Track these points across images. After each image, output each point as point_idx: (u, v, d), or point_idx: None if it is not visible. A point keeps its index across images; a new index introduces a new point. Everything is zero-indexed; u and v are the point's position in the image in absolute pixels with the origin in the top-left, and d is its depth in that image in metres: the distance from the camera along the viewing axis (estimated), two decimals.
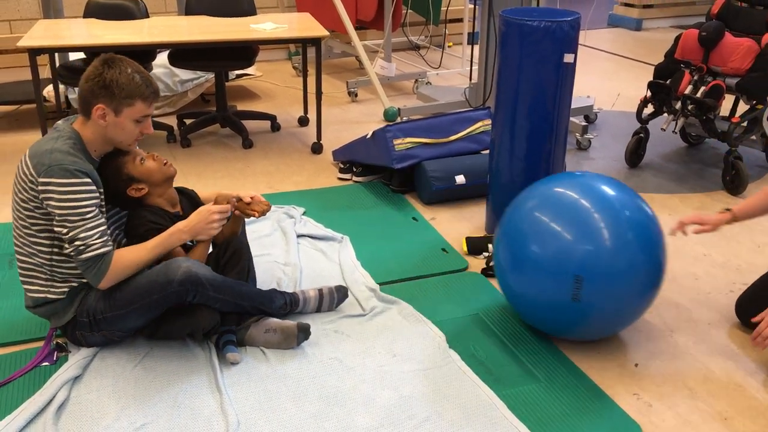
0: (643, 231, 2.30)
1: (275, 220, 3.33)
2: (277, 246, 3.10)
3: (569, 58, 2.88)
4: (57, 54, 4.32)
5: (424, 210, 3.51)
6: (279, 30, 4.11)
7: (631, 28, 7.79)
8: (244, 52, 4.36)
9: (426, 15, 5.72)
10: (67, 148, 2.18)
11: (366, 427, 2.08)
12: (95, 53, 2.54)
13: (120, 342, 2.40)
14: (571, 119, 4.24)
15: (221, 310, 2.35)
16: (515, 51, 2.90)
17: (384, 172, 3.78)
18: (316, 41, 4.03)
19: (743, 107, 3.85)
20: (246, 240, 2.63)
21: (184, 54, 4.29)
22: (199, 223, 2.33)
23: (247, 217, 2.51)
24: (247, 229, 2.94)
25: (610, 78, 5.91)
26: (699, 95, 3.67)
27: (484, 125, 3.75)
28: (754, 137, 3.91)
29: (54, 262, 2.26)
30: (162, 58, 4.49)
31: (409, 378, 2.29)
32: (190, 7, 4.52)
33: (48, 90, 4.35)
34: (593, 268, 2.24)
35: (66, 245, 2.20)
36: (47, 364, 2.33)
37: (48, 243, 2.24)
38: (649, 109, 3.95)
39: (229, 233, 2.57)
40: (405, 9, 5.86)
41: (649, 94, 3.87)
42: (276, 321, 2.43)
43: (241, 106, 5.00)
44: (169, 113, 4.82)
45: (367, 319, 2.59)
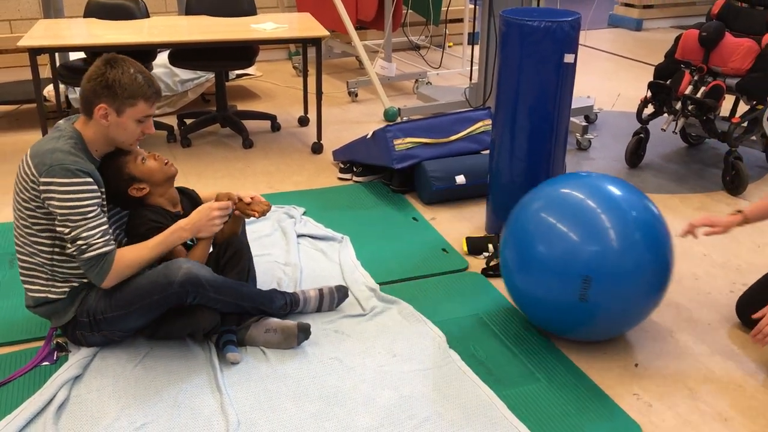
0: (651, 231, 2.30)
1: (275, 220, 3.33)
2: (278, 246, 3.10)
3: (569, 58, 2.89)
4: (57, 54, 4.32)
5: (424, 210, 3.51)
6: (279, 30, 4.11)
7: (632, 28, 7.79)
8: (244, 52, 4.36)
9: (426, 15, 5.72)
10: (69, 147, 2.18)
11: (366, 427, 2.08)
12: (95, 53, 2.55)
13: (120, 342, 2.40)
14: (572, 119, 4.24)
15: (221, 310, 2.35)
16: (515, 51, 2.91)
17: (384, 172, 3.78)
18: (316, 41, 4.03)
19: (743, 107, 3.85)
20: (246, 240, 2.63)
21: (184, 54, 4.29)
22: (201, 220, 2.33)
23: (247, 218, 2.51)
24: (248, 229, 2.94)
25: (610, 78, 5.91)
26: (699, 95, 3.67)
27: (484, 125, 3.75)
28: (754, 138, 3.91)
29: (55, 261, 2.26)
30: (162, 57, 4.50)
31: (409, 378, 2.29)
32: (190, 7, 4.52)
33: (48, 90, 4.35)
34: (601, 268, 2.24)
35: (68, 245, 2.20)
36: (47, 363, 2.33)
37: (49, 243, 2.24)
38: (650, 110, 3.95)
39: (229, 233, 2.57)
40: (405, 9, 5.86)
41: (650, 94, 3.87)
42: (276, 321, 2.43)
43: (242, 106, 5.00)
44: (170, 113, 4.82)
45: (368, 319, 2.59)
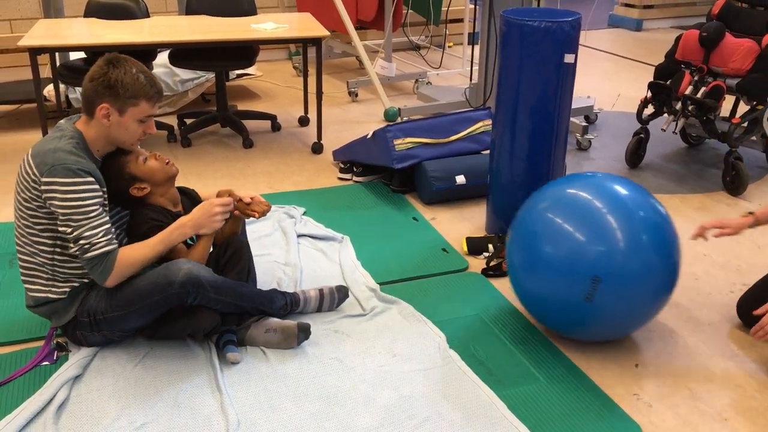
0: (659, 232, 2.30)
1: (275, 220, 3.33)
2: (278, 246, 3.10)
3: (570, 58, 2.89)
4: (57, 53, 4.32)
5: (424, 210, 3.51)
6: (279, 30, 4.11)
7: (632, 28, 7.79)
8: (244, 51, 4.36)
9: (426, 15, 5.72)
10: (70, 147, 2.18)
11: (366, 427, 2.08)
12: (96, 53, 2.55)
13: (120, 342, 2.40)
14: (572, 119, 4.23)
15: (222, 311, 2.35)
16: (516, 51, 2.91)
17: (384, 172, 3.78)
18: (316, 41, 4.03)
19: (743, 108, 3.85)
20: (246, 240, 2.63)
21: (184, 54, 4.29)
22: (202, 217, 2.32)
23: (247, 218, 2.51)
24: (248, 229, 2.94)
25: (610, 78, 5.91)
26: (699, 96, 3.67)
27: (484, 125, 3.75)
28: (754, 138, 3.91)
29: (56, 261, 2.26)
30: (162, 57, 4.50)
31: (409, 378, 2.29)
32: (190, 7, 4.52)
33: (48, 89, 4.35)
34: (609, 269, 2.23)
35: (71, 244, 2.20)
36: (47, 363, 2.33)
37: (50, 243, 2.24)
38: (650, 110, 3.94)
39: (229, 233, 2.57)
40: (405, 9, 5.86)
41: (650, 94, 3.87)
42: (276, 321, 2.43)
43: (242, 105, 5.00)
44: (170, 113, 4.82)
45: (368, 319, 2.59)
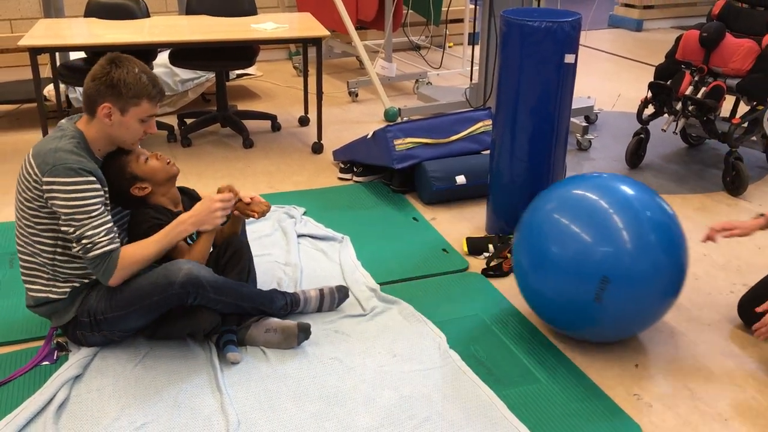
0: (666, 232, 2.29)
1: (276, 220, 3.33)
2: (278, 246, 3.10)
3: (570, 58, 2.89)
4: (58, 53, 4.32)
5: (424, 210, 3.51)
6: (280, 30, 4.11)
7: (632, 28, 7.79)
8: (244, 51, 4.36)
9: (427, 15, 5.72)
10: (71, 147, 2.18)
11: (366, 427, 2.08)
12: (96, 53, 2.55)
13: (120, 342, 2.39)
14: (572, 120, 4.23)
15: (222, 311, 2.35)
16: (516, 51, 2.91)
17: (384, 172, 3.78)
18: (316, 41, 4.03)
19: (744, 108, 3.85)
20: (246, 240, 2.63)
21: (184, 53, 4.29)
22: (203, 213, 2.32)
23: (247, 218, 2.51)
24: (248, 229, 2.94)
25: (610, 79, 5.91)
26: (699, 96, 3.67)
27: (484, 125, 3.75)
28: (754, 138, 3.90)
29: (57, 261, 2.26)
30: (163, 57, 4.50)
31: (410, 378, 2.29)
32: (190, 7, 4.52)
33: (49, 89, 4.35)
34: (618, 269, 2.23)
35: (73, 244, 2.20)
36: (47, 363, 2.33)
37: (51, 242, 2.24)
38: (650, 110, 3.94)
39: (229, 233, 2.57)
40: (405, 9, 5.86)
41: (650, 94, 3.87)
42: (276, 321, 2.43)
43: (242, 105, 5.00)
44: (170, 113, 4.82)
45: (368, 319, 2.59)
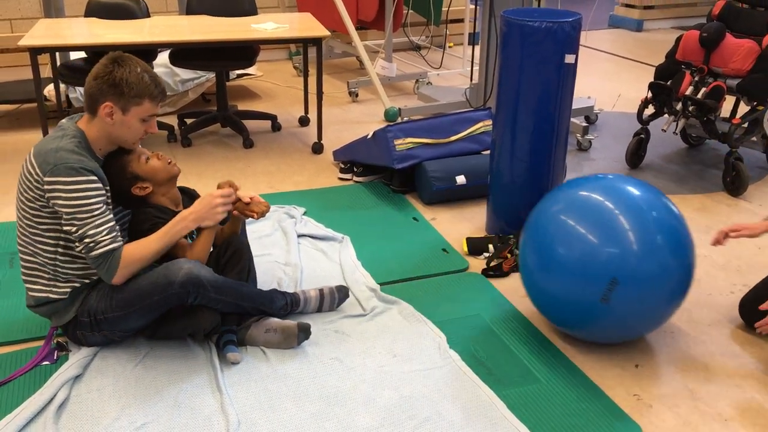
0: (674, 234, 2.29)
1: (276, 220, 3.33)
2: (278, 246, 3.10)
3: (570, 58, 2.88)
4: (58, 53, 4.32)
5: (424, 210, 3.51)
6: (280, 30, 4.12)
7: (632, 29, 7.79)
8: (244, 51, 4.36)
9: (427, 15, 5.72)
10: (72, 146, 2.19)
11: (366, 427, 2.08)
12: (96, 53, 2.55)
13: (120, 342, 2.39)
14: (572, 120, 4.23)
15: (222, 311, 2.35)
16: (516, 51, 2.90)
17: (384, 172, 3.78)
18: (317, 41, 4.03)
19: (744, 108, 3.85)
20: (246, 240, 2.63)
21: (185, 53, 4.29)
22: (204, 209, 2.31)
23: (246, 218, 2.51)
24: (248, 229, 2.94)
25: (610, 79, 5.91)
26: (700, 96, 3.67)
27: (484, 126, 3.75)
28: (754, 138, 3.90)
29: (58, 261, 2.26)
30: (163, 57, 4.50)
31: (410, 378, 2.29)
32: (191, 7, 4.52)
33: (49, 89, 4.35)
34: (627, 270, 2.22)
35: (75, 244, 2.20)
36: (47, 363, 2.33)
37: (53, 242, 2.24)
38: (650, 110, 3.94)
39: (229, 233, 2.57)
40: (406, 9, 5.86)
41: (650, 95, 3.87)
42: (276, 321, 2.43)
43: (242, 105, 5.00)
44: (170, 113, 4.82)
45: (368, 319, 2.59)
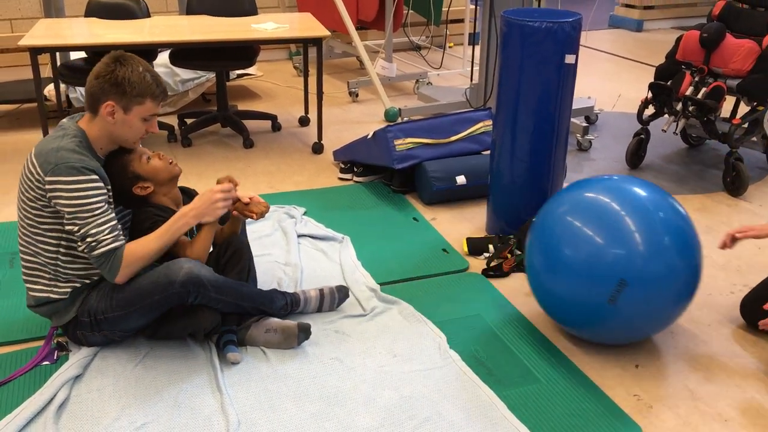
0: (681, 235, 2.29)
1: (276, 220, 3.33)
2: (278, 246, 3.10)
3: (570, 59, 2.88)
4: (58, 53, 4.32)
5: (424, 210, 3.51)
6: (280, 30, 4.12)
7: (632, 29, 7.79)
8: (245, 51, 4.36)
9: (427, 15, 5.72)
10: (73, 146, 2.19)
11: (366, 428, 2.08)
12: (97, 53, 2.55)
13: (121, 342, 2.40)
14: (572, 120, 4.23)
15: (222, 310, 2.35)
16: (516, 52, 2.90)
17: (385, 172, 3.78)
18: (317, 41, 4.03)
19: (744, 109, 3.85)
20: (246, 239, 2.63)
21: (185, 53, 4.29)
22: (204, 204, 2.31)
23: (246, 219, 2.51)
24: (248, 229, 2.94)
25: (611, 79, 5.91)
26: (700, 96, 3.67)
27: (485, 126, 3.75)
28: (754, 139, 3.90)
29: (59, 261, 2.26)
30: (163, 57, 4.50)
31: (410, 378, 2.29)
32: (191, 7, 4.52)
33: (49, 89, 4.36)
34: (635, 272, 2.22)
35: (78, 243, 2.20)
36: (47, 363, 2.33)
37: (54, 242, 2.24)
38: (650, 110, 3.94)
39: (229, 233, 2.57)
40: (406, 9, 5.86)
41: (650, 95, 3.87)
42: (276, 321, 2.43)
43: (242, 105, 5.00)
44: (170, 113, 4.82)
45: (368, 320, 2.59)
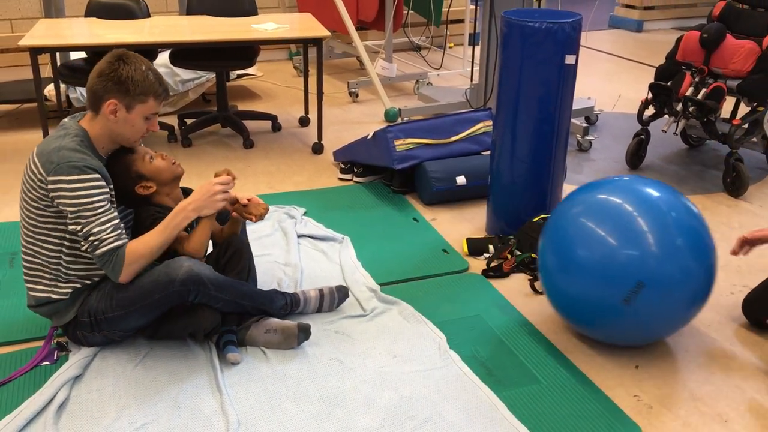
0: (695, 236, 2.29)
1: (276, 220, 3.33)
2: (278, 246, 3.10)
3: (570, 59, 2.89)
4: (58, 53, 4.32)
5: (424, 211, 3.51)
6: (280, 30, 4.12)
7: (632, 29, 7.79)
8: (245, 52, 4.36)
9: (427, 16, 5.72)
10: (75, 145, 2.19)
11: (366, 428, 2.08)
12: (97, 53, 2.55)
13: (120, 342, 2.39)
14: (572, 121, 4.23)
15: (222, 310, 2.35)
16: (516, 52, 2.91)
17: (385, 172, 3.78)
18: (317, 41, 4.03)
19: (744, 109, 3.85)
20: (246, 239, 2.63)
21: (185, 54, 4.29)
22: (203, 197, 2.30)
23: (245, 220, 2.51)
24: (248, 230, 2.94)
25: (611, 79, 5.91)
26: (700, 97, 3.67)
27: (485, 126, 3.75)
28: (754, 139, 3.91)
29: (62, 261, 2.26)
30: (163, 57, 4.50)
31: (410, 379, 2.29)
32: (191, 7, 4.52)
33: (49, 89, 4.36)
34: (650, 273, 2.22)
35: (81, 243, 2.20)
36: (47, 363, 2.33)
37: (57, 242, 2.24)
38: (650, 111, 3.94)
39: (229, 233, 2.57)
40: (406, 10, 5.86)
41: (650, 95, 3.87)
42: (276, 321, 2.43)
43: (242, 106, 5.00)
44: (170, 113, 4.82)
45: (368, 320, 2.59)
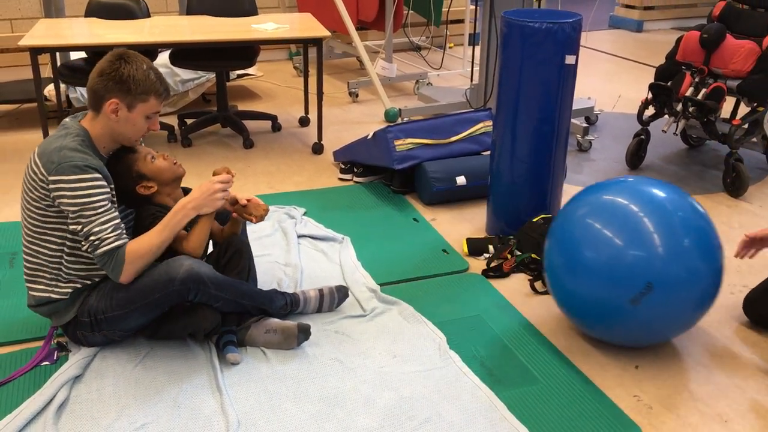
0: (703, 237, 2.29)
1: (276, 220, 3.33)
2: (278, 246, 3.10)
3: (570, 59, 2.89)
4: (58, 53, 4.32)
5: (424, 211, 3.51)
6: (280, 30, 4.12)
7: (632, 29, 7.80)
8: (245, 52, 4.36)
9: (427, 16, 5.72)
10: (76, 144, 2.19)
11: (366, 428, 2.08)
12: (97, 53, 2.55)
13: (120, 342, 2.40)
14: (572, 121, 4.23)
15: (222, 309, 2.35)
16: (516, 52, 2.91)
17: (385, 172, 3.78)
18: (317, 41, 4.03)
19: (744, 109, 3.85)
20: (247, 239, 2.64)
21: (185, 54, 4.29)
22: (202, 195, 2.30)
23: (244, 221, 2.51)
24: (248, 230, 2.94)
25: (611, 80, 5.91)
26: (700, 97, 3.67)
27: (485, 126, 3.75)
28: (754, 139, 3.91)
29: (63, 261, 2.26)
30: (163, 57, 4.50)
31: (410, 379, 2.29)
32: (191, 7, 4.52)
33: (49, 89, 4.36)
34: (655, 274, 2.22)
35: (83, 243, 2.20)
36: (47, 363, 2.33)
37: (59, 242, 2.24)
38: (650, 111, 3.94)
39: (229, 233, 2.58)
40: (406, 10, 5.86)
41: (650, 95, 3.87)
42: (276, 321, 2.43)
43: (242, 106, 5.00)
44: (170, 113, 4.82)
45: (368, 320, 2.59)
